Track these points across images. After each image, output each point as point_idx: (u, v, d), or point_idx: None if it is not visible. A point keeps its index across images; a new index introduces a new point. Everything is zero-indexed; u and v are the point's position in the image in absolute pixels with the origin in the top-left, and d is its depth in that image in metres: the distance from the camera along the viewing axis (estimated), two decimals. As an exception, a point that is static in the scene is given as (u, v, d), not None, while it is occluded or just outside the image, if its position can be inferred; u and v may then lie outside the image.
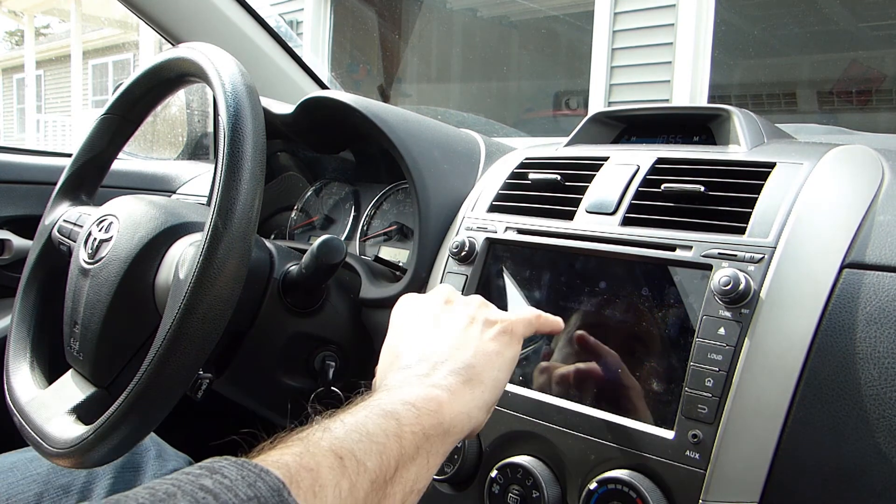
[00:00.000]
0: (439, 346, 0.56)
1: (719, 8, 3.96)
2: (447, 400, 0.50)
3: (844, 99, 4.36)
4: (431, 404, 0.49)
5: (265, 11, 1.47)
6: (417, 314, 0.61)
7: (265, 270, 0.81)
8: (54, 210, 0.88)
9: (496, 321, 0.59)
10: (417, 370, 0.54)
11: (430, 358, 0.55)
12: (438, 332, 0.58)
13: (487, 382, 0.54)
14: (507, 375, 0.57)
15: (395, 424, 0.46)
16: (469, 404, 0.52)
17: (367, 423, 0.45)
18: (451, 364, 0.54)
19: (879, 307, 0.57)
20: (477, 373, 0.54)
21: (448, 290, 0.64)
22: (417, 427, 0.47)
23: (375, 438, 0.44)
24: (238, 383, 0.85)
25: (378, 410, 0.47)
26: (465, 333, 0.57)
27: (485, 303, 0.62)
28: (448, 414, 0.50)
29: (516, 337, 0.59)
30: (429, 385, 0.52)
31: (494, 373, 0.55)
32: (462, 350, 0.55)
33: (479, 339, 0.57)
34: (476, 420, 0.53)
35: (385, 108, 0.92)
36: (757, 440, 0.58)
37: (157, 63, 0.78)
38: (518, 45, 6.24)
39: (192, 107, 1.68)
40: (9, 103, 14.94)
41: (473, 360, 0.55)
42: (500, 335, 0.58)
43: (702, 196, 0.69)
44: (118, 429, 0.60)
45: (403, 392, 0.50)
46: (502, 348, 0.57)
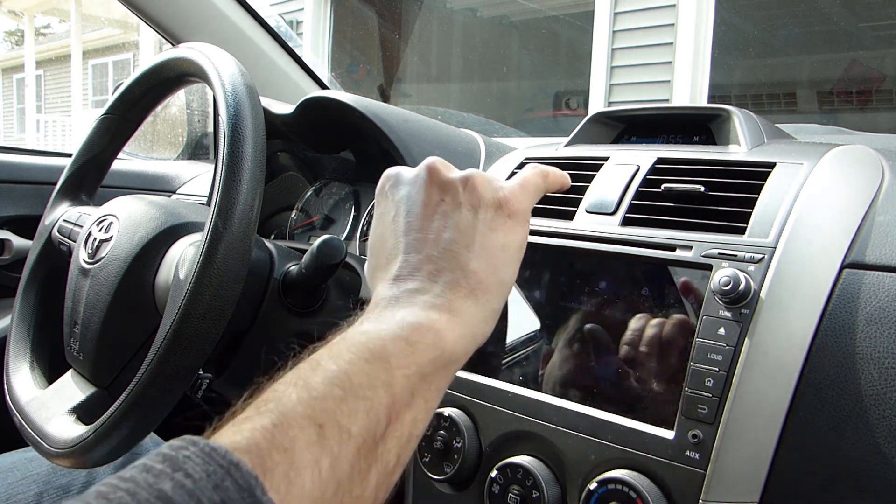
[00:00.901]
0: (434, 248, 0.47)
1: (719, 8, 3.96)
2: (447, 324, 0.43)
3: (844, 99, 4.36)
4: (428, 335, 0.42)
5: (265, 11, 1.47)
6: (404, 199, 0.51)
7: (265, 270, 0.81)
8: (54, 210, 0.88)
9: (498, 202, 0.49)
10: (409, 284, 0.45)
11: (423, 266, 0.46)
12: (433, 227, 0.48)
13: (493, 287, 0.46)
14: (514, 272, 0.49)
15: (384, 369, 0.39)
16: (473, 320, 0.44)
17: (350, 371, 0.38)
18: (450, 273, 0.45)
19: (879, 307, 0.57)
20: (480, 279, 0.46)
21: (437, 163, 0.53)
22: (412, 367, 0.40)
23: (361, 392, 0.38)
24: (238, 383, 0.85)
25: (365, 353, 0.40)
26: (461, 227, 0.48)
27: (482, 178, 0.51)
28: (449, 341, 0.42)
29: (522, 216, 0.50)
30: (425, 306, 0.43)
31: (500, 273, 0.47)
32: (461, 252, 0.46)
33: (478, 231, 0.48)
34: (482, 336, 0.46)
35: (385, 108, 0.92)
36: (757, 440, 0.58)
37: (157, 63, 0.78)
38: (518, 45, 6.24)
39: (192, 107, 1.68)
40: (9, 103, 14.94)
41: (475, 262, 0.46)
42: (505, 221, 0.49)
43: (702, 196, 0.69)
44: (118, 429, 0.60)
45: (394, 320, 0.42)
46: (507, 239, 0.48)
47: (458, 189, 0.50)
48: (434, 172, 0.51)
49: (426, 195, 0.50)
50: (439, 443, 0.74)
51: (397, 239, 0.49)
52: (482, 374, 0.75)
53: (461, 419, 0.74)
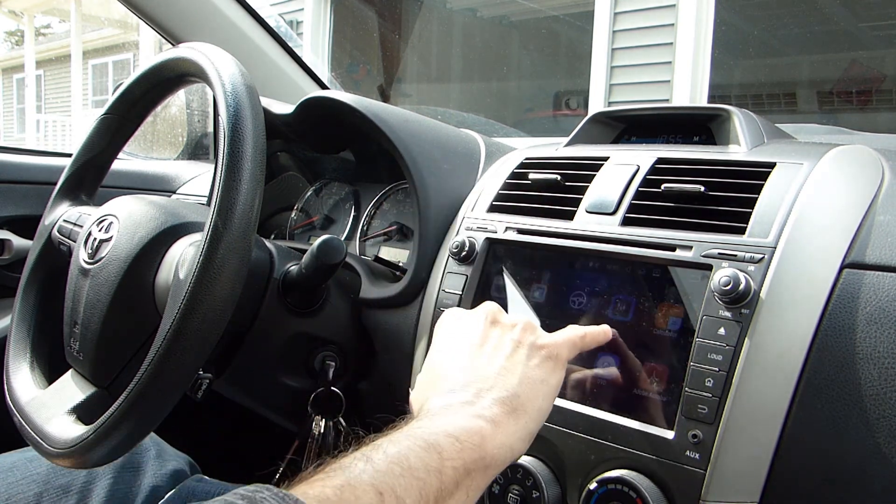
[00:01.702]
0: (484, 372, 0.55)
1: (719, 8, 3.96)
2: (490, 433, 0.50)
3: (844, 99, 4.36)
4: (475, 438, 0.49)
5: (265, 11, 1.47)
6: (462, 333, 0.60)
7: (265, 270, 0.81)
8: (54, 210, 0.88)
9: (542, 346, 0.58)
10: (461, 396, 0.53)
11: (474, 384, 0.54)
12: (483, 355, 0.57)
13: (532, 412, 0.54)
14: (550, 403, 0.56)
15: (436, 458, 0.46)
16: (513, 436, 0.51)
17: (409, 455, 0.45)
18: (497, 392, 0.53)
19: (879, 307, 0.57)
20: (522, 402, 0.53)
21: (494, 308, 0.62)
22: (459, 462, 0.47)
23: (416, 473, 0.44)
24: (238, 383, 0.85)
25: (421, 441, 0.46)
26: (510, 359, 0.56)
27: (531, 325, 0.60)
28: (491, 447, 0.49)
29: (561, 362, 0.58)
30: (473, 415, 0.51)
31: (539, 402, 0.54)
32: (507, 377, 0.54)
33: (524, 365, 0.56)
34: (518, 451, 0.52)
35: (385, 108, 0.92)
36: (757, 440, 0.58)
37: (156, 63, 0.78)
38: (518, 45, 6.24)
39: (192, 107, 1.68)
40: (9, 103, 14.94)
41: (519, 388, 0.54)
42: (545, 361, 0.57)
43: (702, 196, 0.69)
44: (118, 429, 0.60)
45: (447, 421, 0.50)
46: (547, 375, 0.56)
47: (509, 328, 0.60)
48: (490, 313, 0.61)
49: (483, 329, 0.60)
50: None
51: (453, 360, 0.57)
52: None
53: (461, 419, 0.74)
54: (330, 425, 0.87)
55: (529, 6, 5.63)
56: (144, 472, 0.85)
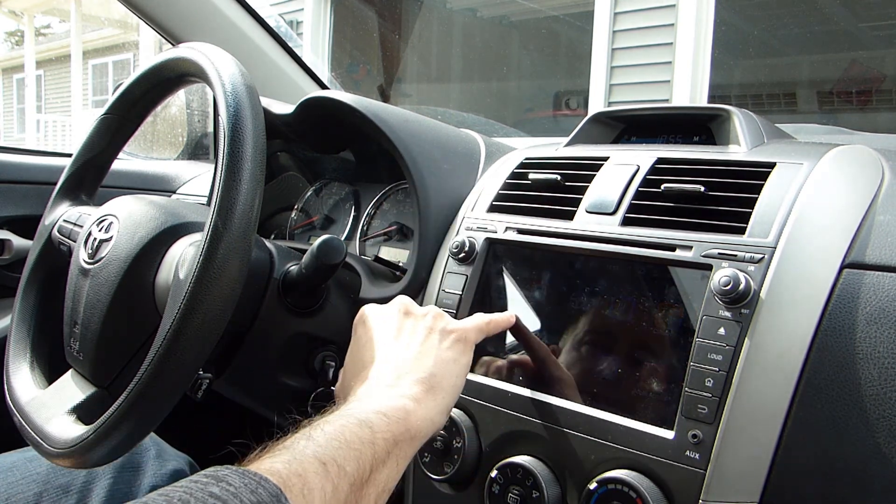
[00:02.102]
0: (402, 357, 0.61)
1: (719, 8, 3.96)
2: (413, 408, 0.56)
3: (844, 99, 4.36)
4: (400, 413, 0.55)
5: (265, 11, 1.47)
6: (379, 325, 0.66)
7: (265, 270, 0.81)
8: (54, 210, 0.88)
9: (452, 331, 0.64)
10: (384, 380, 0.59)
11: (395, 369, 0.60)
12: (400, 343, 0.63)
13: (447, 388, 0.60)
14: (462, 380, 0.63)
15: (368, 432, 0.51)
16: (432, 410, 0.58)
17: (344, 431, 0.50)
18: (415, 374, 0.59)
19: (879, 307, 0.57)
20: (438, 381, 0.60)
21: (406, 301, 0.68)
22: (388, 434, 0.52)
23: (353, 445, 0.50)
24: (238, 383, 0.85)
25: (353, 420, 0.52)
26: (424, 344, 0.63)
27: (440, 313, 0.67)
28: (414, 420, 0.55)
29: (469, 344, 0.65)
30: (397, 395, 0.57)
31: (452, 379, 0.61)
32: (423, 360, 0.61)
33: (437, 348, 0.62)
34: (438, 423, 0.58)
35: (385, 108, 0.92)
36: (757, 440, 0.58)
37: (157, 63, 0.78)
38: (518, 45, 6.24)
39: (192, 107, 1.68)
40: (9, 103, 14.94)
41: (434, 368, 0.60)
42: (455, 343, 0.64)
43: (702, 196, 0.69)
44: (118, 429, 0.60)
45: (374, 402, 0.56)
46: (458, 356, 0.63)
47: (422, 317, 0.66)
48: (403, 305, 0.67)
49: (398, 319, 0.66)
50: (439, 443, 0.74)
51: (373, 352, 0.63)
52: (483, 375, 0.75)
53: (461, 419, 0.74)
54: (330, 425, 0.87)
55: (529, 6, 5.63)
56: (144, 472, 0.86)
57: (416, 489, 0.80)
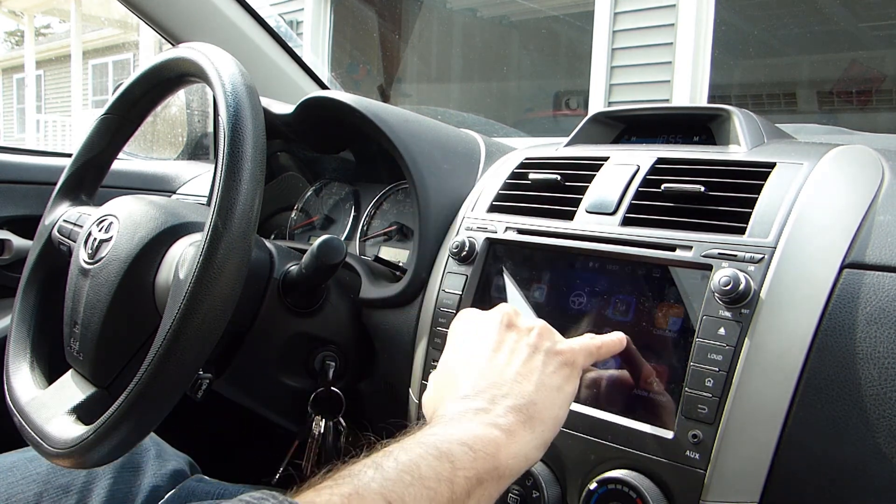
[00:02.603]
0: (500, 378, 0.53)
1: (719, 8, 3.96)
2: (505, 442, 0.48)
3: (844, 99, 4.36)
4: (489, 447, 0.47)
5: (265, 11, 1.47)
6: (478, 335, 0.59)
7: (265, 270, 0.81)
8: (54, 210, 0.88)
9: (559, 353, 0.57)
10: (476, 403, 0.51)
11: (489, 390, 0.52)
12: (499, 360, 0.55)
13: (547, 420, 0.52)
14: (566, 412, 0.55)
15: (448, 468, 0.44)
16: (527, 445, 0.50)
17: (420, 463, 0.44)
18: (512, 399, 0.52)
19: (879, 307, 0.57)
20: (538, 410, 0.52)
21: (510, 311, 0.61)
22: (472, 471, 0.45)
23: (427, 483, 0.43)
24: (238, 383, 0.85)
25: (433, 450, 0.45)
26: (526, 365, 0.55)
27: (548, 329, 0.59)
28: (505, 457, 0.48)
29: (577, 370, 0.57)
30: (487, 423, 0.49)
31: (555, 410, 0.53)
32: (523, 384, 0.53)
33: (541, 371, 0.54)
34: (532, 460, 0.51)
35: (385, 108, 0.92)
36: (757, 440, 0.58)
37: (157, 63, 0.78)
38: (518, 45, 6.24)
39: (192, 107, 1.68)
40: (9, 103, 14.94)
41: (535, 395, 0.52)
42: (562, 368, 0.56)
43: (702, 196, 0.69)
44: (118, 429, 0.60)
45: (461, 429, 0.48)
46: (563, 383, 0.55)
47: (525, 332, 0.58)
48: (507, 316, 0.60)
49: (499, 332, 0.58)
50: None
51: (468, 365, 0.56)
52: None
53: (461, 419, 0.74)
54: (330, 425, 0.87)
55: (529, 6, 5.63)
56: (144, 472, 0.85)
57: (416, 489, 0.80)
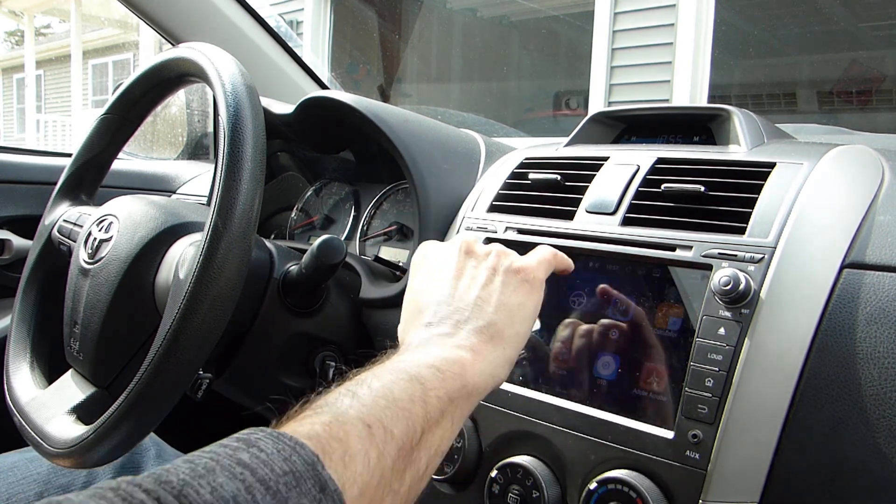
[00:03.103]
0: (461, 303, 0.56)
1: (719, 8, 3.96)
2: (471, 361, 0.51)
3: (844, 99, 4.36)
4: (455, 367, 0.49)
5: (265, 11, 1.47)
6: (438, 265, 0.60)
7: (265, 270, 0.81)
8: (54, 210, 0.88)
9: (517, 270, 0.58)
10: (440, 329, 0.54)
11: (452, 315, 0.55)
12: (460, 286, 0.57)
13: (509, 338, 0.54)
14: (529, 327, 0.57)
15: (420, 389, 0.46)
16: (492, 363, 0.52)
17: (392, 388, 0.45)
18: (474, 322, 0.54)
19: (879, 307, 0.57)
20: (499, 329, 0.54)
21: (469, 238, 0.63)
22: (442, 391, 0.47)
23: (401, 404, 0.45)
24: (238, 383, 0.85)
25: (403, 374, 0.47)
26: (486, 288, 0.57)
27: (504, 251, 0.61)
28: (472, 375, 0.50)
29: (538, 284, 0.59)
30: (453, 346, 0.52)
31: (516, 327, 0.55)
32: (484, 307, 0.55)
33: (500, 292, 0.56)
34: (498, 378, 0.53)
35: (385, 108, 0.92)
36: (757, 440, 0.58)
37: (157, 63, 0.78)
38: (518, 45, 6.24)
39: (192, 107, 1.68)
40: (9, 103, 14.94)
41: (495, 316, 0.54)
42: (522, 284, 0.57)
43: (702, 196, 0.69)
44: (118, 429, 0.60)
45: (428, 353, 0.50)
46: (524, 299, 0.57)
47: (484, 257, 0.60)
48: (465, 244, 0.61)
49: (458, 260, 0.60)
50: (439, 443, 0.74)
51: (430, 294, 0.58)
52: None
53: (461, 419, 0.74)
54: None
55: (529, 6, 5.63)
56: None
57: (416, 489, 0.80)
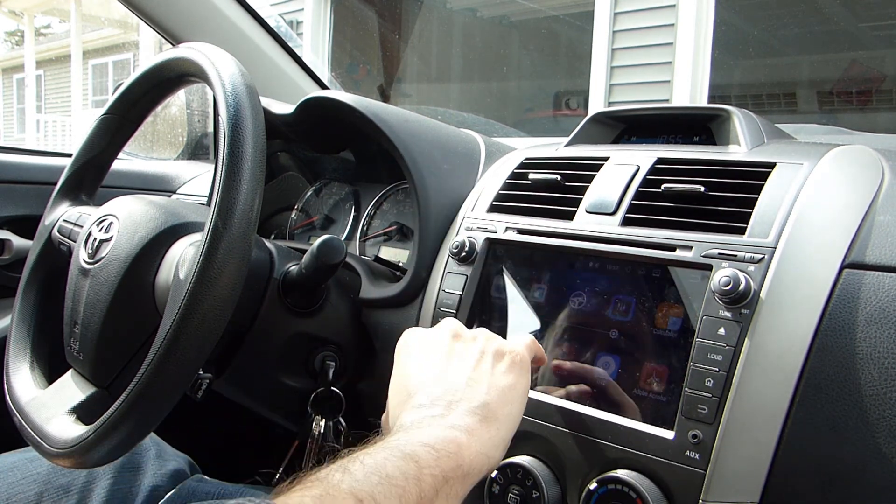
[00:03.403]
0: (453, 384, 0.56)
1: (719, 8, 3.96)
2: (466, 441, 0.50)
3: (844, 99, 4.36)
4: (451, 446, 0.49)
5: (265, 11, 1.47)
6: (426, 349, 0.61)
7: (265, 270, 0.81)
8: (54, 210, 0.88)
9: (505, 353, 0.59)
10: (433, 410, 0.53)
11: (444, 396, 0.54)
12: (450, 368, 0.58)
13: (503, 418, 0.54)
14: (521, 408, 0.57)
15: (414, 467, 0.46)
16: (487, 444, 0.52)
17: (386, 465, 0.45)
18: (467, 403, 0.54)
19: (879, 307, 0.57)
20: (492, 410, 0.54)
21: (454, 323, 0.64)
22: (437, 470, 0.47)
23: (395, 482, 0.44)
24: (238, 383, 0.85)
25: (397, 452, 0.47)
26: (477, 369, 0.57)
27: (491, 335, 0.62)
28: (467, 455, 0.50)
29: (526, 366, 0.59)
30: (447, 426, 0.51)
31: (508, 408, 0.55)
32: (476, 387, 0.55)
33: (491, 373, 0.57)
34: (494, 459, 0.53)
35: (385, 108, 0.92)
36: (757, 440, 0.58)
37: (157, 63, 0.78)
38: (518, 45, 6.24)
39: (192, 107, 1.68)
40: (9, 103, 14.94)
41: (488, 396, 0.55)
42: (511, 367, 0.58)
43: (702, 196, 0.69)
44: (118, 429, 0.60)
45: (422, 433, 0.50)
46: (515, 381, 0.57)
47: (471, 339, 0.61)
48: (451, 329, 0.62)
49: (447, 343, 0.61)
50: (439, 443, 0.74)
51: (420, 377, 0.58)
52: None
53: (461, 419, 0.74)
54: (330, 425, 0.87)
55: (529, 6, 5.63)
56: (144, 472, 0.85)
57: (416, 489, 0.80)
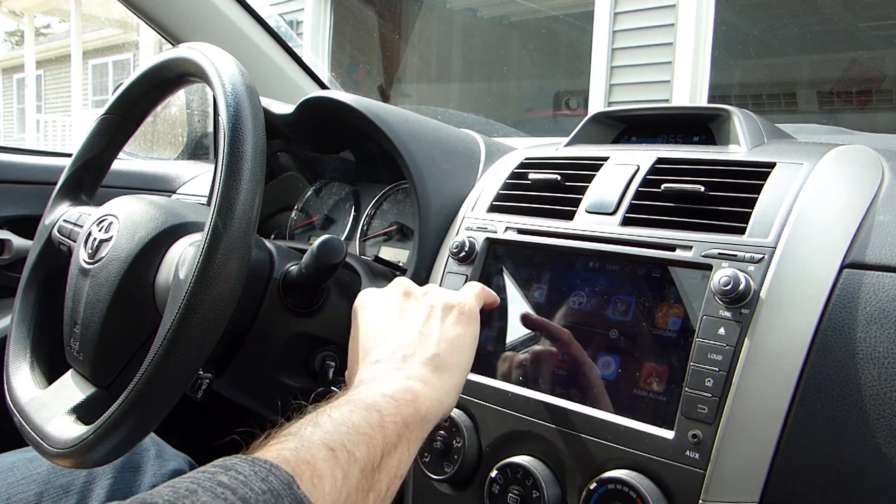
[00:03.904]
0: (406, 339, 0.60)
1: (719, 8, 3.95)
2: (421, 390, 0.55)
3: (844, 99, 4.36)
4: (408, 395, 0.54)
5: (265, 11, 1.47)
6: (380, 308, 0.65)
7: (265, 270, 0.81)
8: (54, 210, 0.88)
9: (453, 305, 0.63)
10: (390, 364, 0.58)
11: (399, 351, 0.59)
12: (403, 324, 0.62)
13: (455, 366, 0.59)
14: (470, 356, 0.62)
15: (377, 416, 0.50)
16: (440, 391, 0.56)
17: (352, 416, 0.49)
18: (420, 355, 0.58)
19: (879, 307, 0.57)
20: (443, 360, 0.59)
21: (405, 282, 0.67)
22: (398, 417, 0.51)
23: (361, 430, 0.48)
24: (238, 383, 0.85)
25: (361, 404, 0.51)
26: (427, 324, 0.61)
27: (441, 290, 0.66)
28: (424, 402, 0.54)
29: (473, 316, 0.63)
30: (403, 377, 0.56)
31: (458, 356, 0.60)
32: (427, 340, 0.60)
33: (440, 326, 0.61)
34: (447, 404, 0.57)
35: (385, 108, 0.92)
36: (757, 440, 0.58)
37: (157, 63, 0.78)
38: (518, 45, 6.24)
39: (192, 107, 1.68)
40: (9, 103, 14.94)
41: (438, 348, 0.59)
42: (459, 318, 0.62)
43: (702, 196, 0.69)
44: (118, 429, 0.60)
45: (381, 385, 0.54)
46: (463, 331, 0.61)
47: (421, 296, 0.65)
48: (402, 287, 0.66)
49: (398, 302, 0.65)
50: (439, 443, 0.74)
51: (375, 335, 0.62)
52: (482, 375, 0.75)
53: (461, 419, 0.74)
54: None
55: (529, 6, 5.63)
56: (144, 472, 0.86)
57: (416, 489, 0.80)
